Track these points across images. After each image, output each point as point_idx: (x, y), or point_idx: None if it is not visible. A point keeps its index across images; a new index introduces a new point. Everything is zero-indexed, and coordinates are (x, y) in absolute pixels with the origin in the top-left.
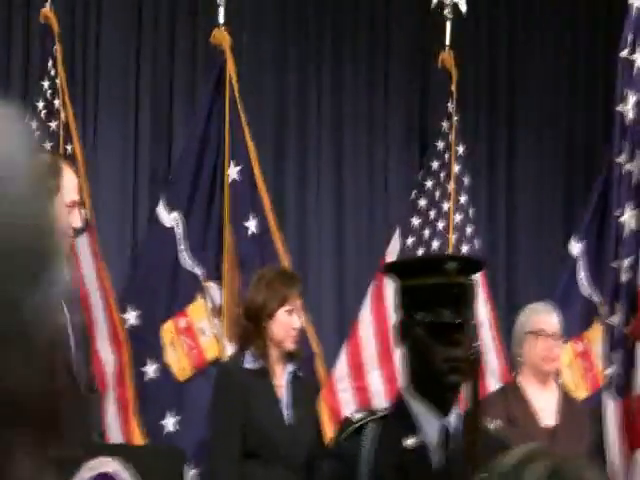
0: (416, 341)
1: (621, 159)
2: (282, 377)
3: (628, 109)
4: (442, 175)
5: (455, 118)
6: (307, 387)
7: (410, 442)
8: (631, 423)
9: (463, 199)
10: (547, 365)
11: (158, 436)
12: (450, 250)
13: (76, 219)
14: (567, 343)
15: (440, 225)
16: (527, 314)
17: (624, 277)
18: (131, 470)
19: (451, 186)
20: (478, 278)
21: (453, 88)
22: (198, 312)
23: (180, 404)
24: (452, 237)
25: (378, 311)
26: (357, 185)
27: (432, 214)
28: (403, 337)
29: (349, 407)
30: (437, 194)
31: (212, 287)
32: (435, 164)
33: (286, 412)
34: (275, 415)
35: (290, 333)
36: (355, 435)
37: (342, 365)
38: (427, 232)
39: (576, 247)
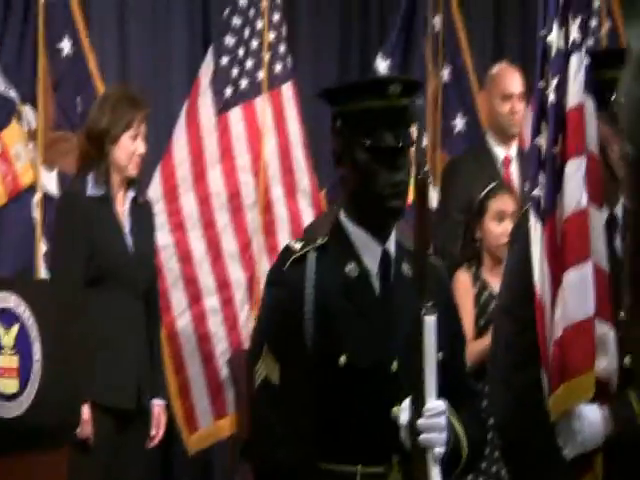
0: (356, 166)
1: None
2: (123, 204)
3: None
4: None
5: None
6: (147, 213)
7: (351, 269)
8: (558, 246)
9: (276, 17)
10: None
11: None
12: (265, 69)
13: None
14: None
15: (254, 43)
16: None
17: (552, 97)
18: (28, 306)
19: (265, 3)
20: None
21: None
22: (13, 136)
23: None
24: (266, 56)
25: (193, 131)
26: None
27: (246, 33)
28: (342, 162)
29: (162, 231)
30: (251, 12)
31: (27, 110)
32: None
33: (128, 239)
34: (118, 242)
35: (134, 159)
36: (297, 264)
37: (156, 187)
38: (241, 51)
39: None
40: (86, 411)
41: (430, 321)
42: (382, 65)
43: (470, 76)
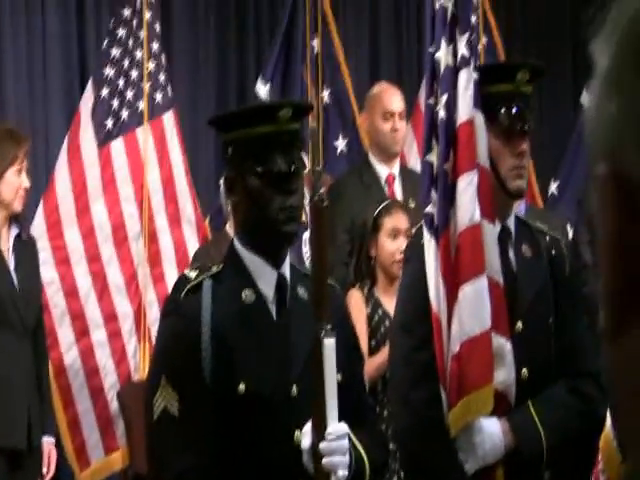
0: (249, 192)
1: None
2: (7, 241)
3: None
4: (134, 23)
5: None
6: (31, 249)
7: (247, 295)
8: (452, 261)
9: (155, 46)
10: None
11: None
12: (145, 99)
13: None
14: None
15: (134, 74)
16: None
17: (442, 113)
18: None
19: (144, 33)
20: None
21: None
22: None
23: None
24: (146, 85)
25: (74, 165)
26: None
27: (125, 63)
28: (233, 190)
29: (47, 266)
30: (130, 43)
31: None
32: (127, 12)
33: (13, 276)
34: (3, 280)
35: (20, 194)
36: (192, 293)
37: (39, 222)
38: (121, 82)
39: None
40: None
41: (330, 344)
42: (262, 89)
43: (350, 97)
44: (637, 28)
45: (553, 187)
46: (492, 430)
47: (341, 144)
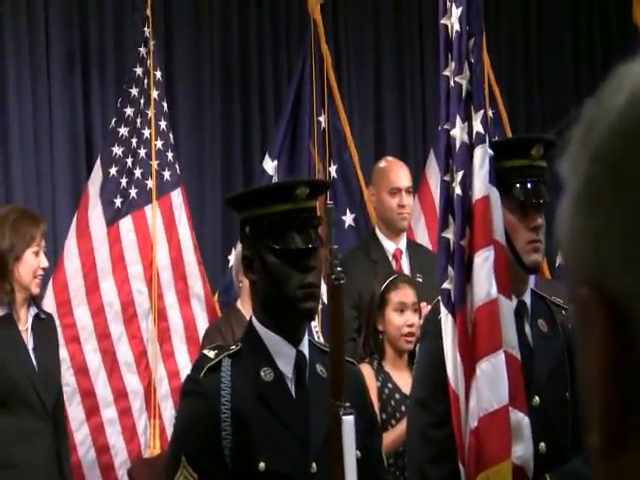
0: (267, 270)
1: (448, 72)
2: (26, 322)
3: (453, 23)
4: (142, 101)
5: (152, 43)
6: (50, 328)
7: (266, 374)
8: (469, 337)
9: (163, 124)
10: None
11: None
12: (153, 177)
13: None
14: None
15: (142, 152)
16: None
17: (458, 190)
18: None
19: (151, 112)
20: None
21: (149, 13)
22: None
23: None
24: (155, 163)
25: (83, 243)
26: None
27: (134, 142)
28: (252, 268)
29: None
30: (138, 121)
31: None
32: (134, 91)
33: (32, 357)
34: (22, 362)
35: (38, 274)
36: (212, 372)
37: (49, 301)
38: (129, 160)
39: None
40: None
41: (348, 421)
42: (270, 166)
43: (357, 172)
44: (609, 145)
45: (560, 258)
46: None
47: (348, 219)
